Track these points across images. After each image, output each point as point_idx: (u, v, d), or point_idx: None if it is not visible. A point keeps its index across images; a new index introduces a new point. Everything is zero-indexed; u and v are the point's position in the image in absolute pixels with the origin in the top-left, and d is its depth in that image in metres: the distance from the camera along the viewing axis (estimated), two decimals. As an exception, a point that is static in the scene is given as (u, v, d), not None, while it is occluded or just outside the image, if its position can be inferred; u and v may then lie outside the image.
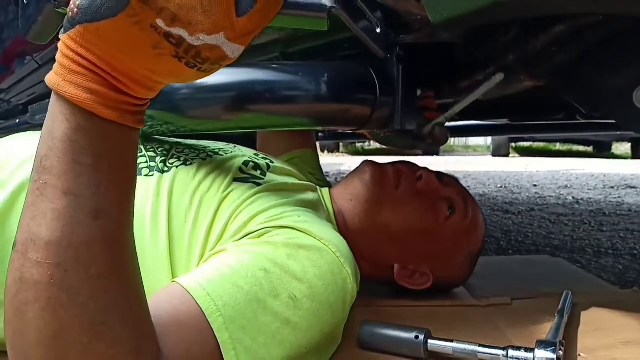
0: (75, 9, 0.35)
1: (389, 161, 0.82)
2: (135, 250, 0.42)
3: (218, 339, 0.45)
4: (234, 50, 0.37)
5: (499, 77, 0.62)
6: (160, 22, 0.34)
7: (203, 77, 0.40)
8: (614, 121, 0.93)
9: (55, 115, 0.38)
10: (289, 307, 0.53)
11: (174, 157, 0.70)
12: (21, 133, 0.78)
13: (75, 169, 0.37)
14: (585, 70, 0.67)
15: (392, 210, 0.77)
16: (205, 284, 0.49)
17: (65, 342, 0.35)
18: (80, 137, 0.38)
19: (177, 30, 0.35)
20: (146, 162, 0.69)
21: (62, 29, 0.38)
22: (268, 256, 0.55)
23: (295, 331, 0.52)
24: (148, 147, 0.72)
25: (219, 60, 0.38)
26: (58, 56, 0.38)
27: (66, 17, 0.37)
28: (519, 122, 1.48)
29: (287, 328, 0.52)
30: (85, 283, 0.36)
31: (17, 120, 1.15)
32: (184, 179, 0.66)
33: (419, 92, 0.71)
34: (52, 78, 0.38)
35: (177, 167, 0.68)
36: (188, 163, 0.69)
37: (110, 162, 0.39)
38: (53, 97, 0.38)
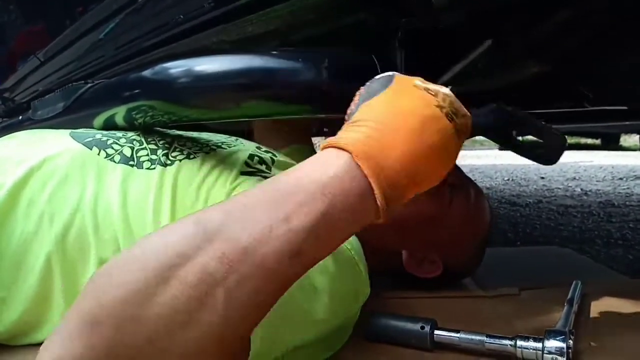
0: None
1: None
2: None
3: None
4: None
5: (487, 43, 0.61)
6: (418, 82, 0.46)
7: (459, 149, 0.47)
8: (623, 107, 0.92)
9: (321, 158, 0.42)
10: (309, 299, 0.53)
11: (177, 150, 0.70)
12: (22, 132, 0.77)
13: (304, 208, 0.38)
14: (594, 54, 0.65)
15: None
16: None
17: (180, 338, 0.34)
18: (329, 183, 0.40)
19: (432, 86, 0.46)
20: (147, 155, 0.68)
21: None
22: None
23: (310, 322, 0.53)
24: (149, 140, 0.71)
25: (465, 114, 0.46)
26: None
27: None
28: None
29: (303, 318, 0.52)
30: (244, 306, 0.36)
31: (20, 117, 1.14)
32: (189, 173, 0.65)
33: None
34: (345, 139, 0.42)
35: (180, 160, 0.67)
36: (192, 156, 0.68)
37: (334, 224, 0.40)
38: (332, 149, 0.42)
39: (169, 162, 0.67)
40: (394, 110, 0.44)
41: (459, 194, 0.78)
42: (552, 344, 0.56)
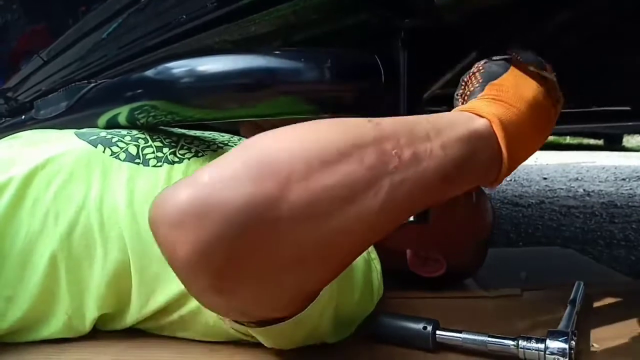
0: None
1: None
2: None
3: None
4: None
5: (473, 55, 0.63)
6: (532, 68, 0.50)
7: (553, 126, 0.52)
8: (626, 108, 0.92)
9: (464, 114, 0.46)
10: (348, 278, 0.57)
11: (184, 148, 0.70)
12: (26, 131, 0.78)
13: (456, 143, 0.42)
14: (595, 54, 0.65)
15: None
16: None
17: (338, 213, 0.36)
18: (474, 135, 0.44)
19: (543, 73, 0.50)
20: (153, 152, 0.68)
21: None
22: None
23: (351, 300, 0.58)
24: (154, 137, 0.71)
25: (561, 100, 0.52)
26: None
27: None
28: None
29: (347, 293, 0.57)
30: (397, 205, 0.38)
31: (23, 117, 1.15)
32: None
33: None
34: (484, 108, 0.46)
35: (189, 158, 0.67)
36: (200, 154, 0.68)
37: (470, 168, 0.44)
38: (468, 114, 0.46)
39: (176, 159, 0.67)
40: (521, 95, 0.48)
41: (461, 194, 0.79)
42: (555, 344, 0.56)
